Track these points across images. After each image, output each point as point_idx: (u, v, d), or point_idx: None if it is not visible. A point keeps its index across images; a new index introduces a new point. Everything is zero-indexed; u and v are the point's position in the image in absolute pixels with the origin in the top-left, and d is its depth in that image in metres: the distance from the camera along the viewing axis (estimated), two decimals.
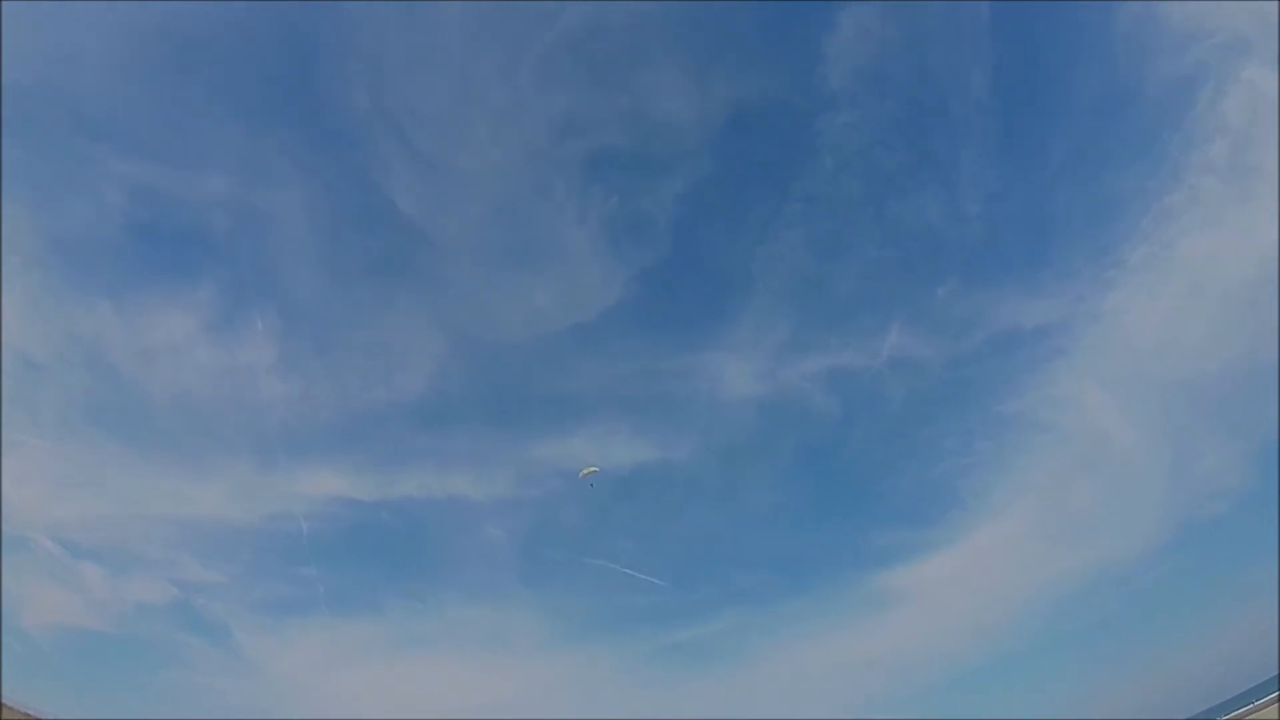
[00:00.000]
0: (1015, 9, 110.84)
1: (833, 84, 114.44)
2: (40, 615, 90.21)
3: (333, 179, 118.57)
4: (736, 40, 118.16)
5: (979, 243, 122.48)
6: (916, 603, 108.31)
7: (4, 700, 27.10)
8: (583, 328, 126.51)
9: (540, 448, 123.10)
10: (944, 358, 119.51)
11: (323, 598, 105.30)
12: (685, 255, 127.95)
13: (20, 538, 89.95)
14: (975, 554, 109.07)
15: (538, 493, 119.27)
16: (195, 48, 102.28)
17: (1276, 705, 49.89)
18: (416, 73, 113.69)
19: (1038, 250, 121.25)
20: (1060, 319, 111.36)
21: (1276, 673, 57.67)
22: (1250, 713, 50.65)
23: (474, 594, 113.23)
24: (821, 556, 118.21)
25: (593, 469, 74.24)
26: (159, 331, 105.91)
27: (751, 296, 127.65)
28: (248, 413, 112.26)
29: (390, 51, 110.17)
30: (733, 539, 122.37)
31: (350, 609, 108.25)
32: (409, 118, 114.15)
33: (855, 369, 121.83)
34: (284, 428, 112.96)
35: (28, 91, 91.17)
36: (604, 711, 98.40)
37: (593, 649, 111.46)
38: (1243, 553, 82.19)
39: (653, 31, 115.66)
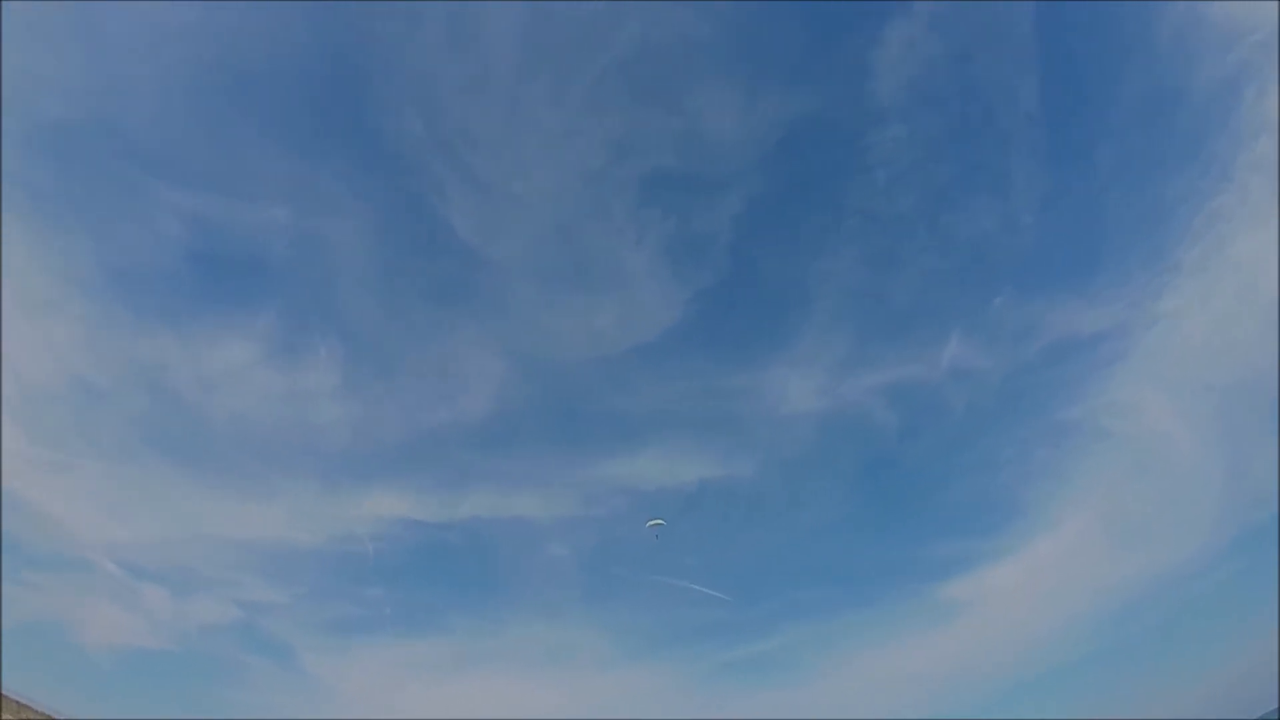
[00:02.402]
0: (1058, 16, 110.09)
1: (882, 99, 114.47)
2: (102, 635, 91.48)
3: (390, 205, 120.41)
4: (785, 59, 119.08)
5: (1033, 251, 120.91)
6: (978, 612, 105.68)
7: (5, 693, 27.76)
8: (643, 347, 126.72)
9: (604, 467, 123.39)
10: (1002, 368, 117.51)
11: (388, 618, 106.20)
12: (743, 273, 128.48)
13: (82, 559, 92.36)
14: (1036, 563, 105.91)
15: (601, 511, 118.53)
16: (249, 79, 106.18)
17: None
18: (470, 99, 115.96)
19: (1091, 256, 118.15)
20: (1116, 325, 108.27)
21: None
22: None
23: (538, 612, 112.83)
24: (883, 568, 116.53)
25: (658, 521, 76.68)
26: (220, 358, 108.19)
27: (810, 312, 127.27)
28: (311, 436, 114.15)
29: (443, 78, 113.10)
30: (795, 553, 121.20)
31: (415, 628, 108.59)
32: (464, 143, 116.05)
33: (914, 381, 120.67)
34: (348, 451, 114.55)
35: (84, 126, 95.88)
36: None
37: (657, 664, 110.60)
38: None
39: (702, 53, 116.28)
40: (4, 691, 27.57)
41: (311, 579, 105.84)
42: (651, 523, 75.75)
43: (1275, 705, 68.45)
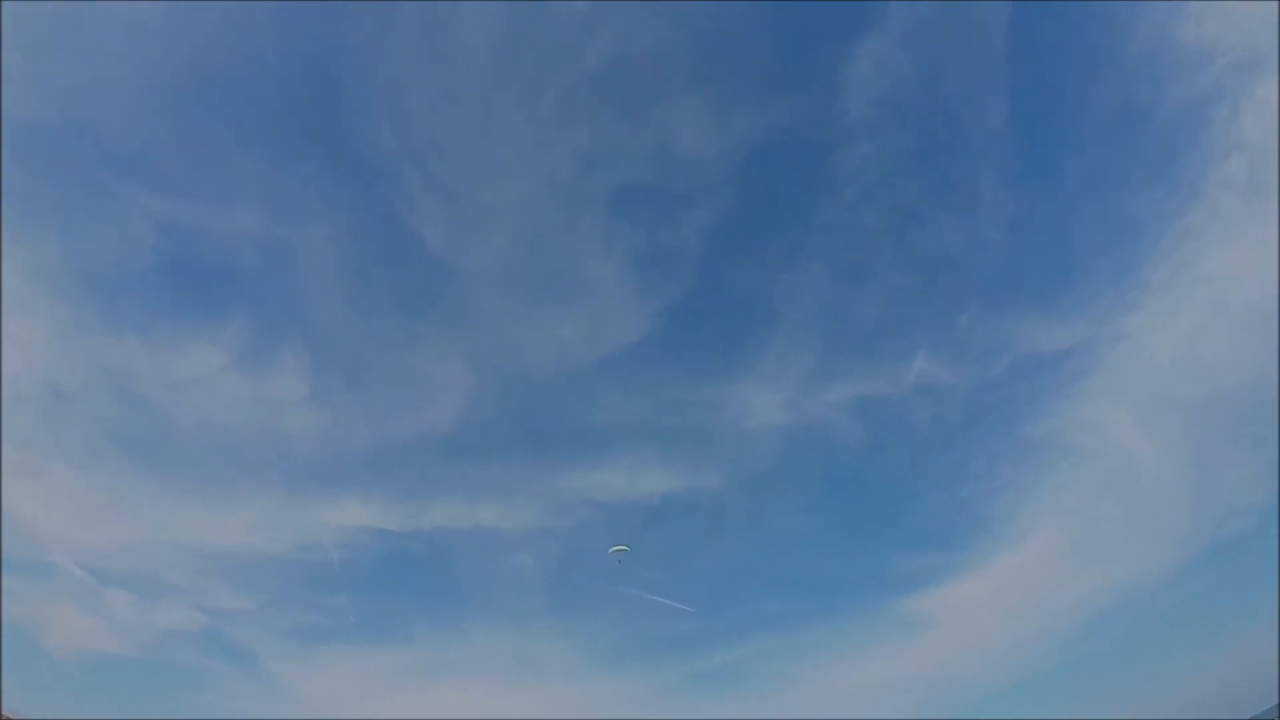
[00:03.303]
0: (1028, 35, 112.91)
1: (851, 116, 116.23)
2: (66, 640, 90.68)
3: (360, 214, 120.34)
4: (756, 75, 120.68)
5: (1000, 268, 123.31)
6: (943, 626, 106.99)
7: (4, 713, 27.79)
8: (610, 360, 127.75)
9: (569, 478, 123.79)
10: (968, 384, 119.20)
11: (352, 626, 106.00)
12: (710, 287, 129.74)
13: (47, 564, 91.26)
14: (1001, 577, 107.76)
15: (566, 522, 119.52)
16: (222, 86, 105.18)
17: None
18: (441, 109, 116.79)
19: (1059, 274, 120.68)
20: (1083, 342, 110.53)
21: None
22: None
23: (503, 622, 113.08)
24: (849, 582, 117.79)
25: (622, 548, 78.30)
26: (188, 364, 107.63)
27: (776, 327, 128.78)
28: (278, 444, 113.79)
29: (415, 88, 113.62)
30: (761, 566, 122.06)
31: (379, 637, 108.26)
32: (434, 153, 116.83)
33: (880, 396, 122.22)
34: (314, 459, 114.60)
35: (57, 129, 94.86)
36: None
37: (621, 676, 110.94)
38: (1268, 569, 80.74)
39: (673, 66, 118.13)
40: None
41: (276, 586, 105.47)
42: (615, 549, 77.34)
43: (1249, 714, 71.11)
